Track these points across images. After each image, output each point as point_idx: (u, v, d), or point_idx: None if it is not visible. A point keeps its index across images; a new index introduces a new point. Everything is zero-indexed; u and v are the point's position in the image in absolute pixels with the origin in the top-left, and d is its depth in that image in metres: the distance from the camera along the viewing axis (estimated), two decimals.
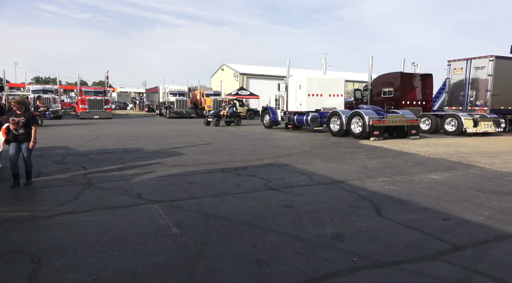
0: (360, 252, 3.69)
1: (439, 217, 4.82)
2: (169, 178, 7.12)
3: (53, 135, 15.20)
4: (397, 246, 3.86)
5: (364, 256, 3.61)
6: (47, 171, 7.83)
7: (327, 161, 9.18)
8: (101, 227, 4.37)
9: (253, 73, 49.09)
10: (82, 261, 3.46)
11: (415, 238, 4.09)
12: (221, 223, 4.53)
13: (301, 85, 18.06)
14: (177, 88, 35.75)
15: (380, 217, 4.79)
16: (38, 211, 5.06)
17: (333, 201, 5.54)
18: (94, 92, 31.72)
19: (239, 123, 23.32)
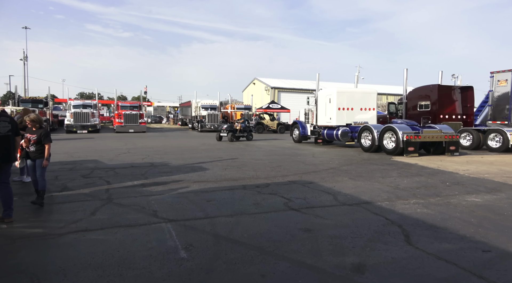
0: None
1: (478, 248, 4.27)
2: (188, 194, 6.96)
3: (86, 149, 15.66)
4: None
5: None
6: (72, 185, 7.93)
7: (355, 179, 8.68)
8: (109, 248, 4.22)
9: (284, 87, 49.02)
10: None
11: (448, 273, 3.60)
12: (232, 247, 4.25)
13: (331, 99, 17.61)
14: (209, 103, 36.23)
15: (409, 246, 4.31)
16: (52, 228, 5.02)
17: (357, 225, 5.11)
18: (130, 106, 32.80)
19: (250, 138, 22.05)
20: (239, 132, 21.52)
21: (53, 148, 15.86)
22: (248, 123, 23.12)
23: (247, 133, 22.00)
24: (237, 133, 21.40)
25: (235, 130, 21.14)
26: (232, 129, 21.05)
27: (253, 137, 23.06)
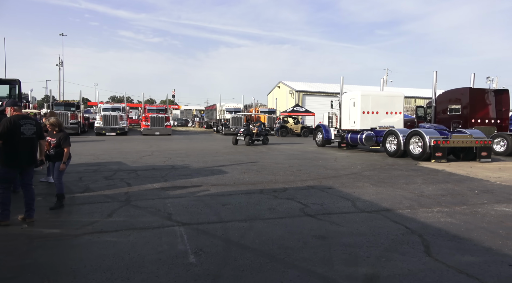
0: None
1: (504, 262, 3.98)
2: (204, 198, 6.95)
3: (112, 151, 16.07)
4: None
5: None
6: (94, 186, 8.11)
7: (377, 185, 8.40)
8: (121, 250, 4.25)
9: (309, 90, 48.58)
10: None
11: None
12: (242, 253, 4.17)
13: (355, 102, 17.24)
14: (233, 106, 36.44)
15: (428, 257, 4.08)
16: (70, 229, 5.12)
17: (374, 233, 4.90)
18: (156, 110, 33.52)
19: (266, 142, 21.32)
20: (255, 136, 20.78)
21: (81, 150, 16.47)
22: (264, 126, 22.33)
23: (263, 137, 21.37)
24: (254, 137, 20.61)
25: (252, 134, 20.30)
26: (250, 133, 20.20)
27: (276, 141, 22.94)
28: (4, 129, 5.10)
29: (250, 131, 20.20)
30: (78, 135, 28.14)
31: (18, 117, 5.39)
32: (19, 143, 5.27)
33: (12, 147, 5.19)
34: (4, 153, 5.14)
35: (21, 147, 5.30)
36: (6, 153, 5.16)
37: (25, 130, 5.36)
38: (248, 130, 20.28)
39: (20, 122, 5.30)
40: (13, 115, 5.35)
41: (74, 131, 28.91)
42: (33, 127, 5.50)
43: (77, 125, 29.84)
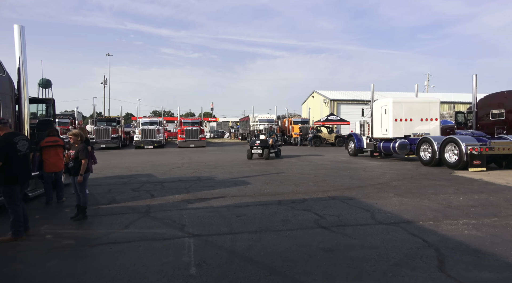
0: None
1: None
2: (221, 209, 6.99)
3: (146, 163, 16.64)
4: None
5: None
6: (120, 198, 8.42)
7: (403, 196, 8.02)
8: (127, 261, 4.36)
9: (344, 98, 47.74)
10: None
11: None
12: (244, 265, 4.13)
13: (386, 110, 16.68)
14: (266, 117, 36.60)
15: (440, 273, 3.81)
16: (87, 239, 5.34)
17: (387, 246, 4.67)
18: (191, 123, 34.40)
19: (279, 155, 19.00)
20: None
21: (117, 163, 17.23)
22: (277, 137, 20.03)
23: (277, 148, 18.92)
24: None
25: (269, 146, 17.69)
26: (267, 145, 17.59)
27: (307, 151, 22.60)
28: (2, 150, 5.14)
29: (267, 143, 17.62)
30: (118, 149, 29.44)
31: (12, 135, 5.46)
32: (18, 160, 5.34)
33: (12, 165, 5.22)
34: (5, 172, 5.18)
35: (20, 164, 5.39)
36: (7, 171, 5.19)
37: (20, 147, 5.43)
38: (266, 142, 17.62)
39: (15, 140, 5.37)
40: (6, 134, 5.41)
41: (115, 145, 30.33)
42: (26, 143, 5.61)
43: (118, 140, 31.23)
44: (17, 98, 7.97)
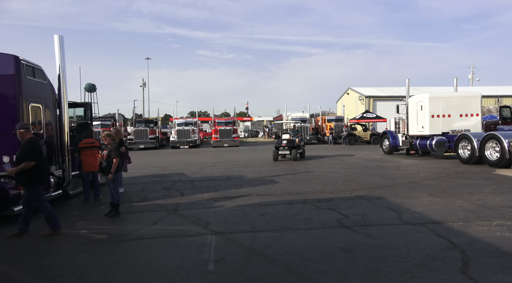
0: None
1: None
2: (246, 207, 7.10)
3: (179, 163, 17.15)
4: None
5: None
6: (152, 196, 8.78)
7: (434, 195, 7.72)
8: (151, 256, 4.58)
9: (380, 95, 46.37)
10: None
11: None
12: (260, 263, 4.20)
13: (422, 105, 16.05)
14: (299, 115, 36.44)
15: (461, 275, 3.67)
16: (117, 235, 5.65)
17: (409, 247, 4.55)
18: (225, 123, 34.92)
19: (303, 156, 17.61)
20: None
21: (153, 162, 17.89)
22: (301, 136, 18.28)
23: (302, 149, 17.55)
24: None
25: (296, 147, 16.39)
26: (294, 145, 16.29)
27: (340, 150, 22.16)
28: (34, 151, 5.53)
29: (294, 143, 16.31)
30: (156, 149, 30.49)
31: (37, 139, 5.87)
32: (43, 162, 5.76)
33: (39, 166, 5.60)
34: (33, 173, 5.53)
35: (45, 165, 5.84)
36: (35, 172, 5.55)
37: (44, 150, 5.87)
38: (293, 142, 16.32)
39: (40, 143, 5.80)
40: (33, 137, 5.79)
41: (153, 145, 31.44)
42: (45, 147, 6.03)
43: (155, 140, 32.34)
44: (58, 102, 8.54)
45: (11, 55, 7.20)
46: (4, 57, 7.18)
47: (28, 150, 5.50)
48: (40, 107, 7.84)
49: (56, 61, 8.41)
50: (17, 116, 7.09)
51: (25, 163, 5.43)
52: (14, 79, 7.09)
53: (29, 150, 5.51)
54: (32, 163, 5.47)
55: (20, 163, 5.48)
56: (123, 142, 9.98)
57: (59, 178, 8.56)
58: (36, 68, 7.89)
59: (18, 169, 5.46)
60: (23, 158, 5.47)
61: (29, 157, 5.45)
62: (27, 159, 5.44)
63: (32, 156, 5.50)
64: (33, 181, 5.58)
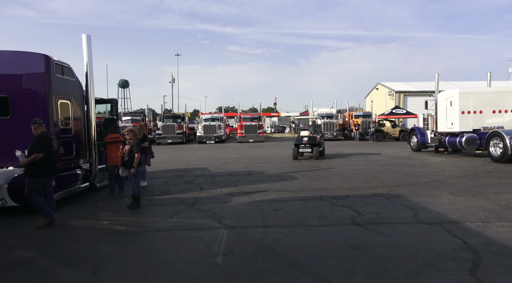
0: None
1: None
2: (261, 203, 7.19)
3: (203, 158, 17.47)
4: None
5: None
6: (173, 190, 9.05)
7: (457, 194, 7.49)
8: (164, 248, 4.77)
9: (411, 90, 44.93)
10: (123, 278, 3.85)
11: None
12: (267, 257, 4.28)
13: (452, 101, 15.46)
14: (325, 111, 35.97)
15: (469, 276, 3.59)
16: (135, 226, 5.90)
17: (419, 246, 4.48)
18: (250, 118, 35.13)
19: (323, 154, 16.15)
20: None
21: (178, 157, 18.34)
22: (321, 133, 16.67)
23: (322, 146, 16.10)
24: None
25: (318, 144, 15.27)
26: (316, 142, 15.11)
27: (366, 147, 21.72)
28: (44, 143, 5.88)
29: (316, 140, 15.16)
30: (183, 144, 31.15)
31: (48, 133, 6.20)
32: (52, 155, 6.09)
33: (48, 158, 5.93)
34: (42, 164, 5.85)
35: (54, 158, 6.16)
36: (43, 164, 5.86)
37: (54, 144, 6.20)
38: (314, 139, 15.14)
39: (51, 137, 6.16)
40: (44, 131, 6.13)
41: (180, 140, 32.14)
42: (55, 141, 6.33)
43: (183, 135, 33.04)
44: (85, 99, 8.96)
45: (42, 55, 7.61)
46: (36, 57, 7.60)
47: (38, 143, 5.87)
48: (68, 103, 8.25)
49: (84, 59, 8.81)
50: (47, 111, 7.50)
51: (35, 155, 5.78)
52: (44, 77, 7.50)
53: (39, 142, 5.88)
54: (40, 154, 5.81)
55: (30, 155, 5.84)
56: (147, 137, 10.30)
57: (86, 171, 9.00)
58: (65, 66, 8.29)
59: (29, 160, 5.80)
60: (33, 150, 5.84)
61: (38, 149, 5.82)
62: (37, 151, 5.80)
63: (42, 148, 5.85)
64: (40, 172, 5.90)
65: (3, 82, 7.46)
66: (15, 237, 5.46)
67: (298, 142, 15.21)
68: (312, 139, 15.08)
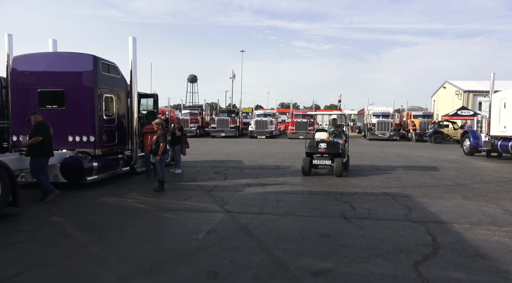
0: None
1: None
2: (269, 194, 7.72)
3: (245, 152, 18.29)
4: None
5: None
6: (200, 178, 9.94)
7: (469, 198, 7.32)
8: (163, 224, 5.58)
9: (481, 89, 41.32)
10: (117, 242, 4.72)
11: None
12: (241, 237, 4.86)
13: (506, 103, 14.39)
14: (381, 110, 34.78)
15: (409, 267, 3.83)
16: (150, 205, 6.82)
17: (386, 239, 4.73)
18: (302, 115, 35.30)
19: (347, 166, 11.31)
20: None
21: (223, 150, 19.46)
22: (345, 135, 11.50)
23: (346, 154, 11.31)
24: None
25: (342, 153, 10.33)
26: (338, 150, 10.10)
27: (411, 149, 20.79)
28: (44, 130, 7.02)
29: (338, 148, 10.15)
30: (235, 138, 32.43)
31: (45, 121, 7.26)
32: (49, 140, 7.18)
33: (46, 142, 7.07)
34: (41, 147, 6.98)
35: (50, 142, 7.22)
36: (43, 147, 7.00)
37: (51, 131, 7.27)
38: (335, 146, 10.17)
39: (48, 125, 7.23)
40: (42, 120, 7.22)
41: (232, 134, 33.51)
42: (52, 129, 7.36)
43: (235, 129, 34.37)
44: (130, 93, 10.21)
45: (91, 55, 8.91)
46: (86, 57, 8.92)
47: (38, 128, 7.02)
48: (112, 97, 9.51)
49: (129, 58, 10.04)
50: (93, 104, 8.77)
51: (35, 137, 6.93)
52: (92, 75, 8.79)
53: (39, 128, 7.02)
54: (39, 137, 6.94)
55: (31, 138, 7.00)
56: (183, 130, 11.35)
57: (128, 156, 10.28)
58: (111, 65, 9.56)
59: (29, 142, 6.97)
60: (33, 134, 7.00)
61: (37, 133, 6.96)
62: (36, 135, 6.95)
63: (40, 132, 6.96)
64: (40, 153, 7.01)
65: (61, 78, 8.89)
66: (56, 206, 6.67)
67: (311, 149, 10.34)
68: (332, 147, 10.18)
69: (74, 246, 4.57)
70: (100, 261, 4.11)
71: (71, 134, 8.88)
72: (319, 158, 10.26)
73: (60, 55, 9.32)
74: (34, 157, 7.03)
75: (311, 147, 10.40)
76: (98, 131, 8.87)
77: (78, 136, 8.85)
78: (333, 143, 10.34)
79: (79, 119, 8.84)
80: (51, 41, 10.69)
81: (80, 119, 8.83)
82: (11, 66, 9.13)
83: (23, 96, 9.01)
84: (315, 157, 10.31)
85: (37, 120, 7.23)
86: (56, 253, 4.33)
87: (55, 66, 9.02)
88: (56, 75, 8.90)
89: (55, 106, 8.88)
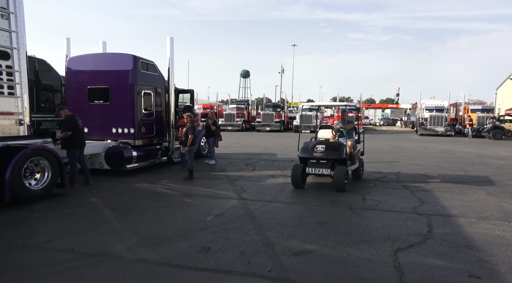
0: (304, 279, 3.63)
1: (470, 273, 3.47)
2: (288, 185, 8.00)
3: (282, 145, 18.59)
4: None
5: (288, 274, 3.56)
6: (230, 168, 10.51)
7: (493, 194, 7.07)
8: (179, 207, 6.18)
9: None
10: (137, 220, 5.40)
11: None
12: (244, 220, 5.30)
13: None
14: (434, 104, 32.98)
15: (389, 252, 4.02)
16: (176, 191, 7.49)
17: (380, 228, 4.89)
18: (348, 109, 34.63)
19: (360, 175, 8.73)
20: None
21: (262, 143, 19.96)
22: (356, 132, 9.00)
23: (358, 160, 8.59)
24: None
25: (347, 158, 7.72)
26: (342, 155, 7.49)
27: (463, 145, 19.59)
28: (73, 124, 7.62)
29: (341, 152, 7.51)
30: (279, 132, 32.83)
31: (73, 115, 7.88)
32: (80, 132, 7.80)
33: (76, 135, 7.68)
34: (72, 140, 7.62)
35: (81, 134, 7.86)
36: (72, 139, 7.63)
37: (80, 123, 7.90)
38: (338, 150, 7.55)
39: (76, 118, 7.85)
40: (70, 114, 7.84)
41: (277, 128, 33.93)
42: (81, 122, 8.00)
43: (280, 123, 34.72)
44: (167, 89, 11.05)
45: (130, 55, 9.82)
46: (127, 57, 9.85)
47: (66, 123, 7.69)
48: (151, 93, 10.39)
49: (167, 56, 10.86)
50: (133, 99, 9.70)
51: (65, 133, 7.65)
52: (131, 73, 9.70)
53: (67, 123, 7.68)
54: (69, 132, 7.62)
55: (62, 133, 7.72)
56: (217, 123, 12.01)
57: (166, 147, 11.17)
58: (149, 63, 10.43)
59: (61, 136, 7.72)
60: (63, 129, 7.73)
61: (66, 129, 7.66)
62: (66, 130, 7.66)
63: (69, 127, 7.62)
64: (72, 145, 7.69)
65: (106, 76, 9.91)
66: (97, 189, 7.61)
67: (304, 153, 7.81)
68: (333, 150, 7.57)
69: (100, 222, 5.33)
70: (117, 234, 4.79)
71: (115, 127, 9.90)
72: (314, 165, 7.58)
73: (105, 56, 10.39)
74: (68, 149, 7.83)
75: (305, 150, 7.82)
76: (137, 124, 9.79)
77: (120, 128, 9.83)
78: (335, 145, 7.74)
79: (121, 113, 9.82)
80: (101, 43, 11.87)
81: (122, 113, 9.80)
82: (66, 66, 10.37)
83: (76, 93, 10.19)
84: (309, 163, 7.69)
85: (66, 115, 7.96)
86: (83, 226, 5.10)
87: (101, 66, 10.07)
88: (102, 74, 9.95)
89: (102, 102, 9.94)
